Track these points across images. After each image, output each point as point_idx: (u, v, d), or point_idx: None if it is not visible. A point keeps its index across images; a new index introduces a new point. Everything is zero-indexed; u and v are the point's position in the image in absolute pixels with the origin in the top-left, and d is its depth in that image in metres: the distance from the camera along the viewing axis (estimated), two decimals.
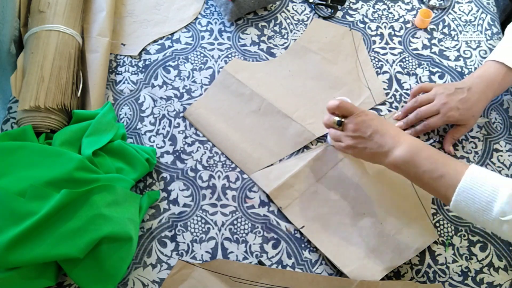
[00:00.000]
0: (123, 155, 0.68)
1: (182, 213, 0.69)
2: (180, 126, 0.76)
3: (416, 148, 0.59)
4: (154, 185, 0.71)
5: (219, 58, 0.82)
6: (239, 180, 0.72)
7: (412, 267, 0.66)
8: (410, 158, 0.59)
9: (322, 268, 0.66)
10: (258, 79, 0.80)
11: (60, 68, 0.71)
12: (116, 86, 0.79)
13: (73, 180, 0.61)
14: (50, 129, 0.70)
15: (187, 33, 0.85)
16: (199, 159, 0.73)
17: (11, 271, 0.57)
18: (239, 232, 0.68)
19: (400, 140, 0.60)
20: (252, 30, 0.86)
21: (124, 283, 0.64)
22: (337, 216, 0.68)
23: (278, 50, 0.84)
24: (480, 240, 0.68)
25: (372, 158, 0.64)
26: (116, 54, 0.82)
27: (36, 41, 0.72)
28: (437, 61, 0.84)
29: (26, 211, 0.58)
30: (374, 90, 0.79)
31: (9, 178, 0.61)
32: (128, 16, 0.86)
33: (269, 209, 0.70)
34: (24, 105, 0.68)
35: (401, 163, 0.59)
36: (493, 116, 0.79)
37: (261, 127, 0.76)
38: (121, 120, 0.76)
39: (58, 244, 0.57)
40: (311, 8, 0.89)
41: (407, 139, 0.60)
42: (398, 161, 0.60)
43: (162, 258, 0.66)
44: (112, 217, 0.60)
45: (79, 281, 0.60)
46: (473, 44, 0.86)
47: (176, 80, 0.80)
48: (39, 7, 0.75)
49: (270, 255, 0.67)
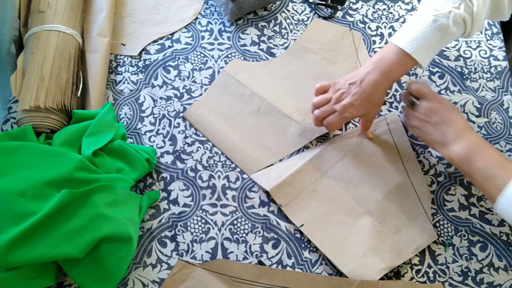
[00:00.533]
0: (123, 155, 0.68)
1: (182, 213, 0.69)
2: (180, 126, 0.76)
3: (476, 146, 0.61)
4: (154, 185, 0.71)
5: (219, 58, 0.82)
6: (239, 180, 0.72)
7: (412, 267, 0.66)
8: (466, 155, 0.61)
9: (322, 268, 0.66)
10: (258, 79, 0.80)
11: (60, 68, 0.71)
12: (116, 86, 0.79)
13: (73, 180, 0.61)
14: (50, 129, 0.70)
15: (187, 33, 0.85)
16: (199, 159, 0.73)
17: (11, 271, 0.57)
18: (239, 232, 0.68)
19: (464, 135, 0.62)
20: (252, 30, 0.86)
21: (124, 283, 0.64)
22: (336, 215, 0.69)
23: (278, 50, 0.84)
24: (480, 240, 0.68)
25: (431, 144, 0.67)
26: (116, 54, 0.82)
27: (36, 41, 0.72)
28: (437, 61, 0.84)
29: (26, 211, 0.58)
30: None
31: (9, 178, 0.61)
32: (128, 16, 0.86)
33: (269, 209, 0.70)
34: (24, 105, 0.68)
35: (456, 158, 0.62)
36: (493, 116, 0.79)
37: (261, 127, 0.76)
38: (121, 120, 0.76)
39: (58, 244, 0.57)
40: (311, 8, 0.89)
41: (471, 137, 0.62)
42: (454, 156, 0.62)
43: (162, 258, 0.66)
44: (112, 217, 0.60)
45: (79, 281, 0.60)
46: (473, 44, 0.86)
47: (176, 80, 0.80)
48: (39, 7, 0.75)
49: (270, 255, 0.67)
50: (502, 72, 0.83)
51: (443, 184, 0.73)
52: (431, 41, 0.64)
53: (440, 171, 0.73)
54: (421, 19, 0.65)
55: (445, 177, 0.73)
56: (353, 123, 0.77)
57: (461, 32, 0.66)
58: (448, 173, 0.73)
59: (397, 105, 0.79)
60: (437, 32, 0.64)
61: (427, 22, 0.64)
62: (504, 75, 0.83)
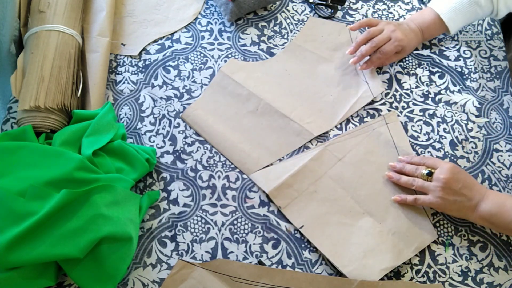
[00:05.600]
0: (123, 155, 0.68)
1: (182, 213, 0.69)
2: (180, 126, 0.76)
3: (500, 200, 0.63)
4: (154, 185, 0.71)
5: (219, 58, 0.82)
6: (239, 180, 0.72)
7: (412, 267, 0.66)
8: (497, 211, 0.62)
9: (322, 268, 0.66)
10: (255, 79, 0.80)
11: (60, 68, 0.71)
12: (116, 86, 0.79)
13: (73, 180, 0.61)
14: (50, 129, 0.70)
15: (187, 33, 0.85)
16: (199, 159, 0.73)
17: (11, 271, 0.57)
18: (239, 232, 0.68)
19: (486, 193, 0.64)
20: (252, 30, 0.86)
21: (124, 283, 0.64)
22: (336, 215, 0.69)
23: (278, 50, 0.84)
24: (480, 240, 0.68)
25: (458, 211, 0.65)
26: (116, 54, 0.82)
27: (36, 41, 0.72)
28: (437, 61, 0.84)
29: (26, 211, 0.58)
30: (372, 83, 0.79)
31: (9, 178, 0.61)
32: (128, 16, 0.86)
33: (269, 209, 0.70)
34: (24, 105, 0.68)
35: (488, 216, 0.63)
36: (493, 116, 0.79)
37: (259, 127, 0.76)
38: (121, 120, 0.76)
39: (58, 244, 0.57)
40: (311, 8, 0.89)
41: (490, 192, 0.64)
42: (486, 215, 0.63)
43: (162, 258, 0.66)
44: (112, 217, 0.60)
45: (79, 281, 0.60)
46: (473, 44, 0.86)
47: (176, 80, 0.80)
48: (39, 7, 0.75)
49: (270, 255, 0.67)
50: (502, 72, 0.83)
51: None
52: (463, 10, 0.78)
53: None
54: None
55: None
56: (353, 123, 0.77)
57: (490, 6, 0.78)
58: None
59: (397, 105, 0.79)
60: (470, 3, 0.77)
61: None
62: (504, 75, 0.83)
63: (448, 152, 0.75)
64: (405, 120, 0.78)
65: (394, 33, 0.77)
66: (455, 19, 0.78)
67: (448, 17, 0.78)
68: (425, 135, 0.76)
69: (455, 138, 0.76)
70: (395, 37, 0.77)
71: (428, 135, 0.76)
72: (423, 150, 0.75)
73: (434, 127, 0.77)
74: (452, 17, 0.78)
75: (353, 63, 0.78)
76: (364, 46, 0.78)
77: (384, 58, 0.78)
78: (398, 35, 0.77)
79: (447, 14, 0.78)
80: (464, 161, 0.74)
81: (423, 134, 0.76)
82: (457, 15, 0.78)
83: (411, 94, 0.80)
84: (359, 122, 0.77)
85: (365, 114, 0.78)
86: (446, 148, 0.75)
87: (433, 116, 0.78)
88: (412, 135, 0.76)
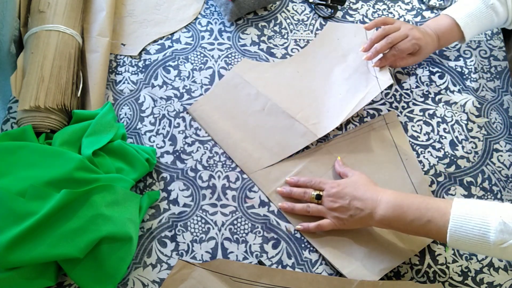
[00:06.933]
0: (123, 155, 0.68)
1: (182, 213, 0.69)
2: (180, 126, 0.76)
3: (396, 201, 0.60)
4: (154, 185, 0.71)
5: (219, 58, 0.82)
6: (239, 180, 0.72)
7: (412, 267, 0.66)
8: (393, 215, 0.60)
9: (322, 268, 0.66)
10: (265, 79, 0.79)
11: (60, 68, 0.71)
12: (116, 86, 0.79)
13: (73, 180, 0.61)
14: (50, 129, 0.70)
15: (187, 33, 0.85)
16: (199, 159, 0.73)
17: (11, 271, 0.57)
18: (239, 232, 0.68)
19: (378, 198, 0.61)
20: (252, 30, 0.86)
21: (124, 283, 0.64)
22: None
23: (278, 50, 0.84)
24: None
25: (360, 223, 0.64)
26: (116, 54, 0.82)
27: (36, 41, 0.72)
28: (437, 61, 0.84)
29: (26, 211, 0.58)
30: (381, 76, 0.76)
31: (9, 178, 0.61)
32: (128, 16, 0.86)
33: (269, 209, 0.70)
34: (24, 105, 0.68)
35: (387, 222, 0.61)
36: (493, 116, 0.79)
37: (263, 127, 0.76)
38: (121, 120, 0.76)
39: (58, 244, 0.57)
40: (311, 8, 0.89)
41: (384, 196, 0.61)
42: (385, 220, 0.61)
43: (162, 258, 0.66)
44: (112, 217, 0.60)
45: (79, 281, 0.60)
46: (473, 44, 0.86)
47: (176, 80, 0.80)
48: (39, 7, 0.75)
49: (270, 255, 0.67)
50: (502, 72, 0.83)
51: (443, 184, 0.73)
52: (480, 17, 0.76)
53: (440, 171, 0.73)
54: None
55: (445, 177, 0.73)
56: (353, 123, 0.77)
57: (505, 14, 0.77)
58: (448, 173, 0.73)
59: (397, 105, 0.79)
60: (487, 9, 0.76)
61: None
62: (504, 75, 0.83)
63: (448, 152, 0.75)
64: (405, 120, 0.78)
65: (412, 31, 0.74)
66: (471, 25, 0.76)
67: (465, 23, 0.76)
68: (425, 135, 0.76)
69: (455, 138, 0.76)
70: (412, 35, 0.74)
71: (428, 135, 0.76)
72: (423, 150, 0.75)
73: (434, 127, 0.77)
74: (468, 22, 0.76)
75: (367, 59, 0.74)
76: (379, 43, 0.74)
77: (398, 56, 0.74)
78: (415, 34, 0.74)
79: (463, 19, 0.76)
80: (464, 161, 0.74)
81: (423, 134, 0.76)
82: (473, 21, 0.76)
83: (411, 94, 0.80)
84: (359, 122, 0.77)
85: (365, 114, 0.78)
86: (446, 148, 0.75)
87: (433, 116, 0.78)
88: (412, 135, 0.76)
